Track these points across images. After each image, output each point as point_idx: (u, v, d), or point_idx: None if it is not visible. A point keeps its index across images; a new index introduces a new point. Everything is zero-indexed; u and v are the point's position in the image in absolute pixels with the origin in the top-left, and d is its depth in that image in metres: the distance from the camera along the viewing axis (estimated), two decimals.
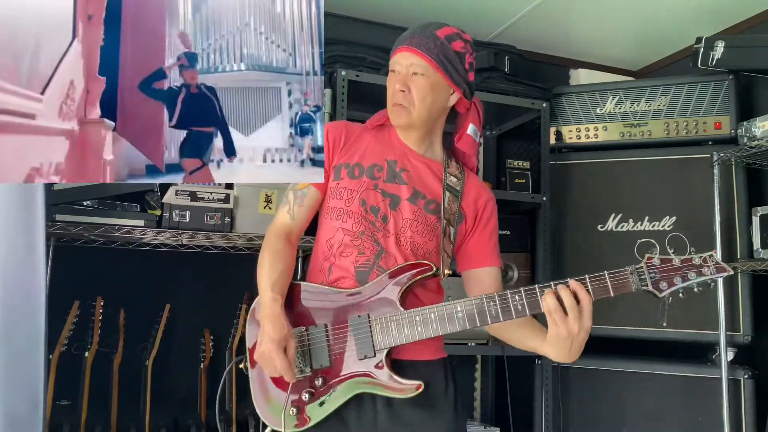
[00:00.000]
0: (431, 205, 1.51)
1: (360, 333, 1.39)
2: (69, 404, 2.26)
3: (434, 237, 1.50)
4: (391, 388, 1.37)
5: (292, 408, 1.39)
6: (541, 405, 2.66)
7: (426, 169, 1.56)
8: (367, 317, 1.40)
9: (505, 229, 2.85)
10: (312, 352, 1.41)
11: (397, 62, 1.53)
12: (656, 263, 1.31)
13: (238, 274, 2.61)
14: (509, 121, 3.06)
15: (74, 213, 2.16)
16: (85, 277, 2.43)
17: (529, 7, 2.88)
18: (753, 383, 2.45)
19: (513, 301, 1.34)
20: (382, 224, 1.48)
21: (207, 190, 2.29)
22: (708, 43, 2.59)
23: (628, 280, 1.30)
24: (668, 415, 2.53)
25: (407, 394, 1.36)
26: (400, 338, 1.38)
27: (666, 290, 1.30)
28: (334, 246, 1.49)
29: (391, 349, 1.39)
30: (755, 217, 2.52)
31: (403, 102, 1.50)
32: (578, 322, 1.28)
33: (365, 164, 1.52)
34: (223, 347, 2.53)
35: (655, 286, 1.30)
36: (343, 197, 1.50)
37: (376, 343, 1.38)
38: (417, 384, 1.36)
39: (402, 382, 1.37)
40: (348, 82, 2.45)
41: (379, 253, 1.46)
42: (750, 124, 2.50)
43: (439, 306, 1.39)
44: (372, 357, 1.38)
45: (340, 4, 2.85)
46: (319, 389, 1.39)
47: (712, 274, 1.30)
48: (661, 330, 2.63)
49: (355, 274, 1.45)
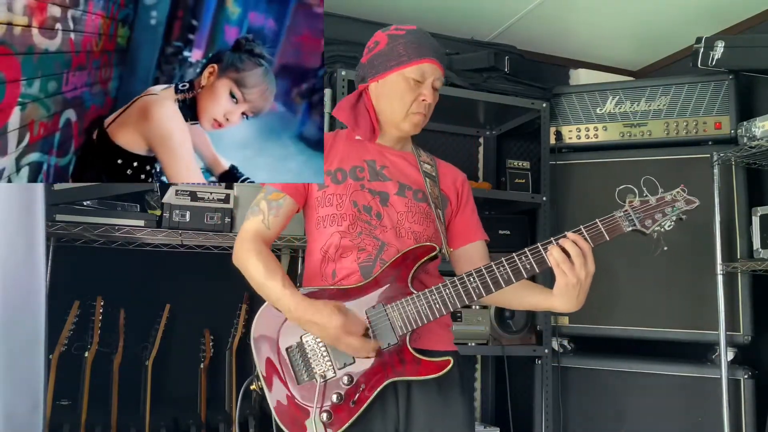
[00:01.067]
0: (419, 194, 1.55)
1: (379, 323, 1.40)
2: (69, 404, 2.26)
3: (430, 223, 1.55)
4: (421, 370, 1.38)
5: (323, 414, 1.36)
6: (541, 405, 2.66)
7: (403, 161, 1.60)
8: (382, 306, 1.41)
9: (505, 229, 2.86)
10: (331, 353, 1.40)
11: (424, 72, 1.52)
12: (637, 205, 1.44)
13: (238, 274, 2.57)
14: (509, 121, 3.06)
15: (74, 213, 2.16)
16: (85, 277, 2.43)
17: (529, 7, 2.88)
18: (753, 383, 2.45)
19: (521, 261, 1.41)
20: (377, 221, 1.49)
21: (207, 190, 2.29)
22: (708, 43, 2.59)
23: (619, 223, 1.43)
24: (668, 415, 2.53)
25: (437, 373, 1.38)
26: (420, 319, 1.40)
27: (651, 226, 1.42)
28: (330, 250, 1.48)
29: (412, 334, 1.41)
30: (755, 217, 2.52)
31: (426, 113, 1.56)
32: (584, 267, 1.38)
33: (346, 168, 1.53)
34: (223, 347, 2.53)
35: (642, 224, 1.43)
36: (333, 203, 1.50)
37: (397, 328, 1.39)
38: (446, 359, 1.38)
39: (431, 360, 1.38)
40: (348, 82, 2.45)
41: (380, 247, 1.47)
42: (750, 124, 2.50)
43: (452, 280, 1.42)
44: (395, 343, 1.39)
45: (340, 4, 2.85)
46: (347, 389, 1.38)
47: (684, 206, 1.43)
48: (661, 330, 2.63)
49: (359, 269, 1.46)
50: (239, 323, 2.51)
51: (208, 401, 2.47)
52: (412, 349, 1.39)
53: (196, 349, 2.52)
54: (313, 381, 1.39)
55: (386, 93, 1.55)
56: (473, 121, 3.09)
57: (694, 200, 1.44)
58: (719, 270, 2.49)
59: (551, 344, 2.69)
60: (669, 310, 2.62)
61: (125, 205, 2.28)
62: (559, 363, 2.69)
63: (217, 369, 2.51)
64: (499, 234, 2.83)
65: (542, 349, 2.69)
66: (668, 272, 2.62)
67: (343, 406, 1.37)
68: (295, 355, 1.42)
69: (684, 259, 2.58)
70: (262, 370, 1.43)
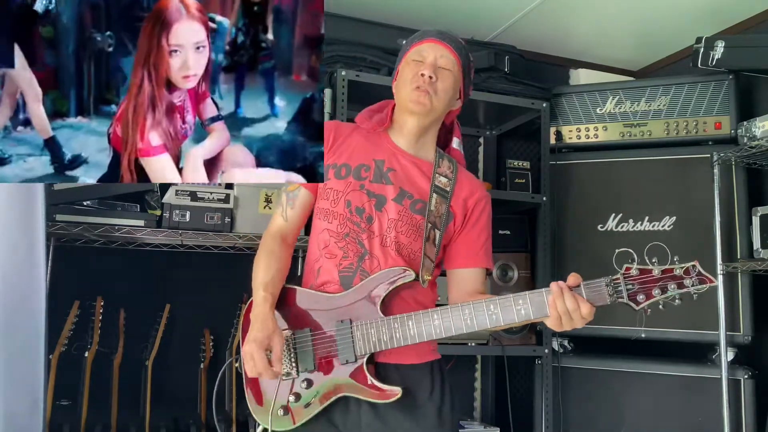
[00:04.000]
0: (417, 205, 1.50)
1: (343, 338, 1.41)
2: (69, 404, 2.26)
3: (419, 237, 1.48)
4: (372, 394, 1.39)
5: (279, 409, 1.43)
6: (541, 405, 2.66)
7: (415, 168, 1.54)
8: (349, 323, 1.41)
9: (505, 229, 2.86)
10: (298, 355, 1.43)
11: (422, 52, 1.52)
12: (634, 274, 1.25)
13: (238, 274, 2.59)
14: (509, 121, 3.06)
15: (74, 213, 2.16)
16: (85, 277, 2.43)
17: (529, 7, 2.87)
18: (753, 383, 2.45)
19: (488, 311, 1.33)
20: (366, 225, 1.47)
21: (207, 190, 2.29)
22: (708, 43, 2.59)
23: (602, 292, 1.24)
24: (668, 415, 2.53)
25: (388, 399, 1.38)
26: (379, 345, 1.39)
27: (644, 302, 1.24)
28: (321, 247, 1.50)
29: (372, 354, 1.41)
30: (755, 217, 2.52)
31: (429, 89, 1.48)
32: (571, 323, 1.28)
33: (352, 164, 1.52)
34: (223, 347, 2.53)
35: (632, 298, 1.24)
36: (329, 198, 1.50)
37: (357, 348, 1.40)
38: (396, 390, 1.38)
39: (382, 387, 1.38)
40: (348, 82, 2.45)
41: (362, 255, 1.46)
42: (750, 124, 2.50)
43: (416, 314, 1.39)
44: (353, 362, 1.40)
45: (340, 4, 2.85)
46: (304, 391, 1.42)
47: (694, 285, 1.23)
48: (661, 330, 2.63)
49: (339, 279, 1.46)
50: (239, 323, 2.50)
51: (208, 401, 2.47)
52: (371, 369, 1.40)
53: (196, 349, 2.52)
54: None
55: (397, 85, 1.57)
56: (473, 121, 3.09)
57: (709, 279, 1.23)
58: (719, 270, 2.48)
59: (551, 344, 2.69)
60: (669, 310, 2.61)
61: (125, 205, 2.28)
62: (559, 363, 2.69)
63: (217, 369, 2.51)
64: (499, 234, 2.83)
65: (542, 349, 2.68)
66: None
67: (298, 408, 1.42)
68: None
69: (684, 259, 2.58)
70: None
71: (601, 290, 1.24)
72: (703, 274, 1.23)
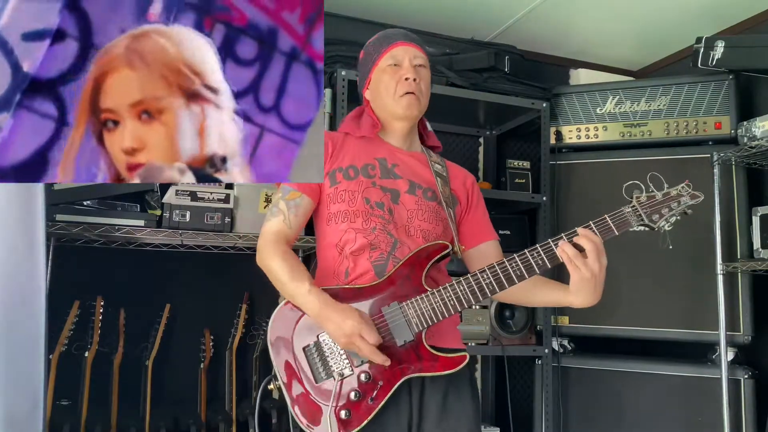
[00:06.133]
0: (429, 193, 1.57)
1: (394, 321, 1.41)
2: (69, 404, 2.26)
3: (440, 221, 1.56)
4: (437, 366, 1.40)
5: (341, 411, 1.39)
6: (541, 405, 2.66)
7: (414, 160, 1.62)
8: (397, 304, 1.41)
9: (505, 229, 2.85)
10: (348, 352, 1.41)
11: (395, 56, 1.58)
12: (643, 200, 1.45)
13: (238, 274, 2.61)
14: (509, 121, 3.06)
15: (74, 213, 2.16)
16: (85, 277, 2.43)
17: (529, 7, 2.88)
18: (753, 383, 2.45)
19: (533, 257, 1.41)
20: (390, 216, 1.51)
21: (207, 190, 2.29)
22: (708, 43, 2.59)
23: (627, 218, 1.43)
24: (668, 415, 2.53)
25: (457, 366, 1.39)
26: (435, 316, 1.41)
27: (658, 221, 1.45)
28: (346, 248, 1.49)
29: (427, 331, 1.41)
30: (755, 217, 2.52)
31: (416, 91, 1.55)
32: (598, 261, 1.37)
33: (358, 165, 1.55)
34: (223, 347, 2.53)
35: (649, 219, 1.44)
36: (345, 199, 1.51)
37: (413, 325, 1.40)
38: (462, 355, 1.40)
39: (447, 356, 1.40)
40: (348, 82, 2.45)
41: (393, 244, 1.48)
42: (750, 124, 2.50)
43: (465, 277, 1.43)
44: (411, 340, 1.40)
45: (340, 4, 2.85)
46: (365, 386, 1.40)
47: (689, 201, 1.46)
48: (661, 330, 2.63)
49: (373, 268, 1.47)
50: (239, 323, 2.51)
51: (208, 401, 2.47)
52: (428, 346, 1.41)
53: (196, 349, 2.52)
54: (331, 379, 1.41)
55: (376, 93, 1.61)
56: (473, 121, 3.08)
57: (698, 195, 1.46)
58: (719, 270, 2.49)
59: (551, 344, 2.70)
60: (669, 310, 2.62)
61: (125, 205, 2.28)
62: (559, 363, 2.69)
63: (217, 369, 2.51)
64: (499, 234, 2.82)
65: (542, 349, 2.69)
66: (668, 272, 2.62)
67: (362, 403, 1.39)
68: (312, 354, 1.43)
69: (684, 259, 2.58)
70: (281, 370, 1.44)
71: (625, 217, 1.43)
72: (693, 192, 1.46)
